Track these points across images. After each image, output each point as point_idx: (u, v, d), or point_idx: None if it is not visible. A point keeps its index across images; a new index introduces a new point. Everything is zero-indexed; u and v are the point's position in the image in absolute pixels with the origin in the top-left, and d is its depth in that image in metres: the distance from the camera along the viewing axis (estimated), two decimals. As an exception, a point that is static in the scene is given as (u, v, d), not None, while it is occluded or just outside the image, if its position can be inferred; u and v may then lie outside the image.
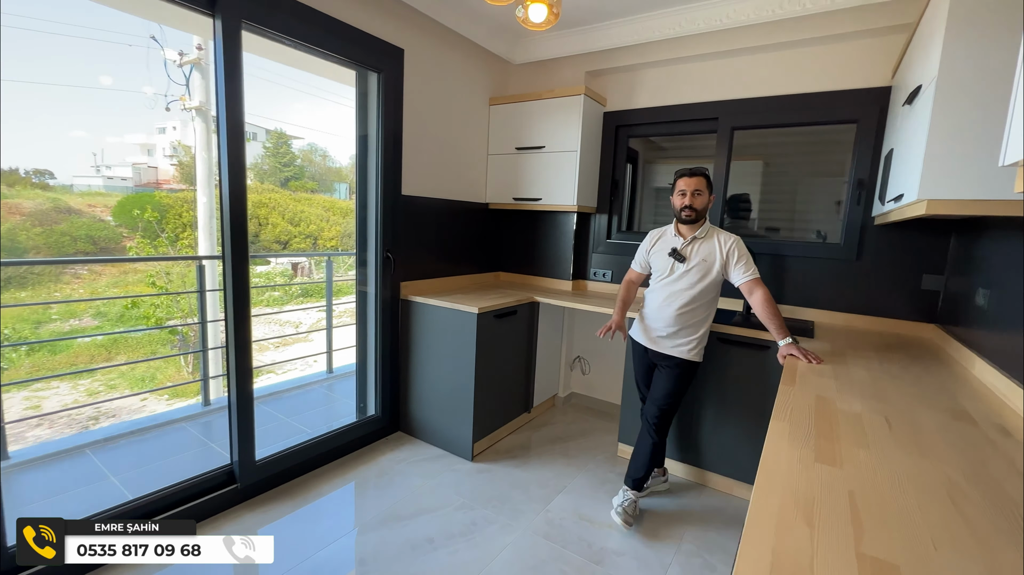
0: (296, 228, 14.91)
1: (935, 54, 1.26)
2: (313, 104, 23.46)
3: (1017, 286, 1.46)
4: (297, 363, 6.63)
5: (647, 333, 2.10)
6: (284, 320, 11.47)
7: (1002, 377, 1.42)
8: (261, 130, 16.50)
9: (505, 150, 3.12)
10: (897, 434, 1.09)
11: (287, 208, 15.06)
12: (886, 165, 1.88)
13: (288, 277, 14.14)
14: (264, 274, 13.36)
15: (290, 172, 17.08)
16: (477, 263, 3.26)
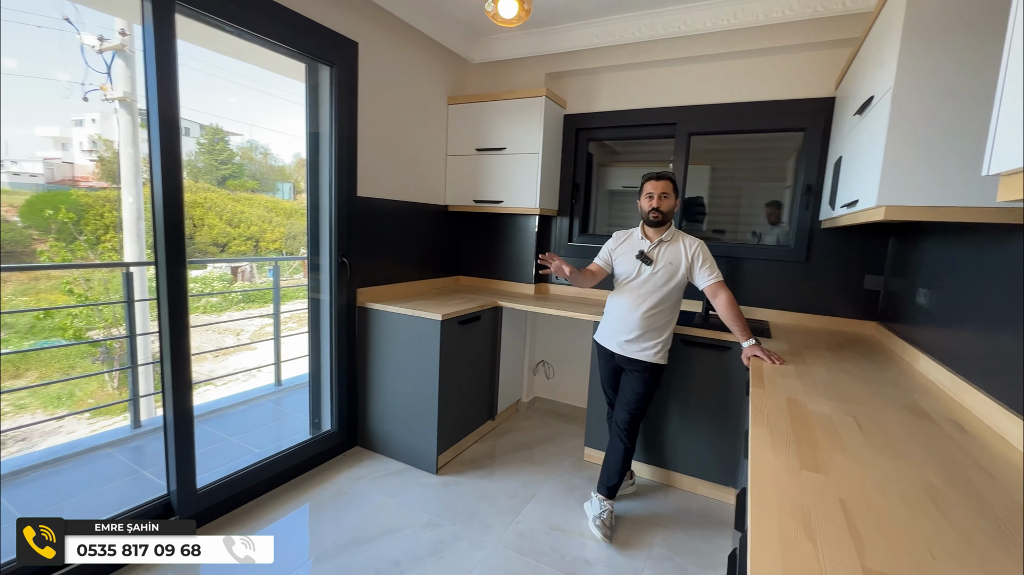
0: (235, 230, 14.06)
1: (889, 66, 1.31)
2: (252, 98, 22.18)
3: (956, 287, 1.56)
4: (241, 376, 6.21)
5: (613, 337, 2.10)
6: (224, 327, 10.75)
7: (946, 372, 1.50)
8: (195, 125, 15.43)
9: (465, 151, 3.04)
10: (868, 435, 1.12)
11: (225, 208, 14.17)
12: (835, 172, 1.97)
13: (227, 282, 13.30)
14: (200, 279, 12.47)
15: (228, 170, 16.06)
16: (437, 267, 3.16)
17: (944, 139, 1.20)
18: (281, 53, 2.13)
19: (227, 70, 19.27)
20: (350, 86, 2.36)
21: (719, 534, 2.05)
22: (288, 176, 17.61)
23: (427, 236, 3.02)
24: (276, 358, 3.53)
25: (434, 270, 3.13)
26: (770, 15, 2.23)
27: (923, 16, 1.21)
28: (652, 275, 1.98)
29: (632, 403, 2.05)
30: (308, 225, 2.45)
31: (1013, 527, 0.78)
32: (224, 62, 21.48)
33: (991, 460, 1.03)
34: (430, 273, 3.09)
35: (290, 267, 9.96)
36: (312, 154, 2.40)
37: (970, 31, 1.17)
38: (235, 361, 8.76)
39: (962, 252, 1.54)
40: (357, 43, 2.36)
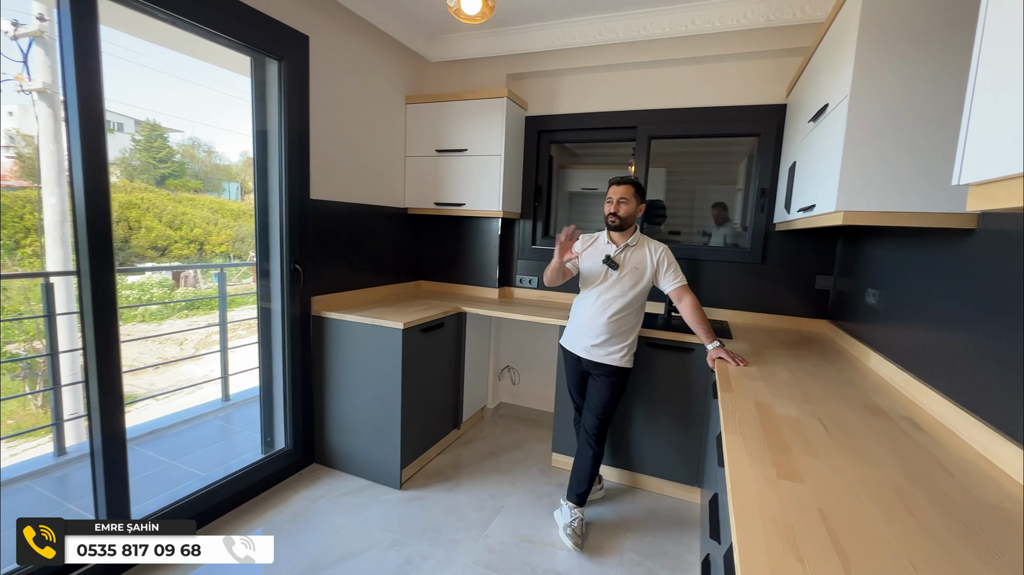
0: (177, 232, 13.21)
1: (844, 75, 1.35)
2: (195, 93, 20.93)
3: (903, 287, 1.63)
4: (185, 391, 5.79)
5: (580, 341, 2.08)
6: (167, 338, 10.05)
7: (897, 370, 1.57)
8: (128, 120, 14.36)
9: (424, 152, 2.95)
10: (835, 437, 1.13)
11: (165, 209, 13.31)
12: (790, 176, 2.04)
13: (169, 288, 12.47)
14: (138, 286, 11.63)
15: (167, 169, 15.05)
16: (397, 272, 3.04)
17: (898, 146, 1.25)
18: (222, 44, 1.97)
19: (166, 62, 18.07)
20: (301, 82, 2.22)
21: (686, 534, 2.07)
22: (235, 175, 16.70)
23: (386, 240, 2.90)
24: (224, 371, 3.30)
25: (394, 275, 3.01)
26: (726, 23, 2.28)
27: (877, 27, 1.25)
28: (618, 280, 1.98)
29: (600, 408, 2.04)
30: (256, 229, 2.29)
31: (980, 528, 0.79)
32: (163, 54, 20.12)
33: (947, 457, 1.06)
34: (390, 278, 2.97)
35: (239, 271, 9.43)
36: (260, 154, 2.24)
37: (923, 41, 1.21)
38: (178, 374, 8.20)
39: (909, 254, 1.61)
40: (308, 37, 2.22)
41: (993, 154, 0.63)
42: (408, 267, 3.16)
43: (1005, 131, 0.61)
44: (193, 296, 12.12)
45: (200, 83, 20.88)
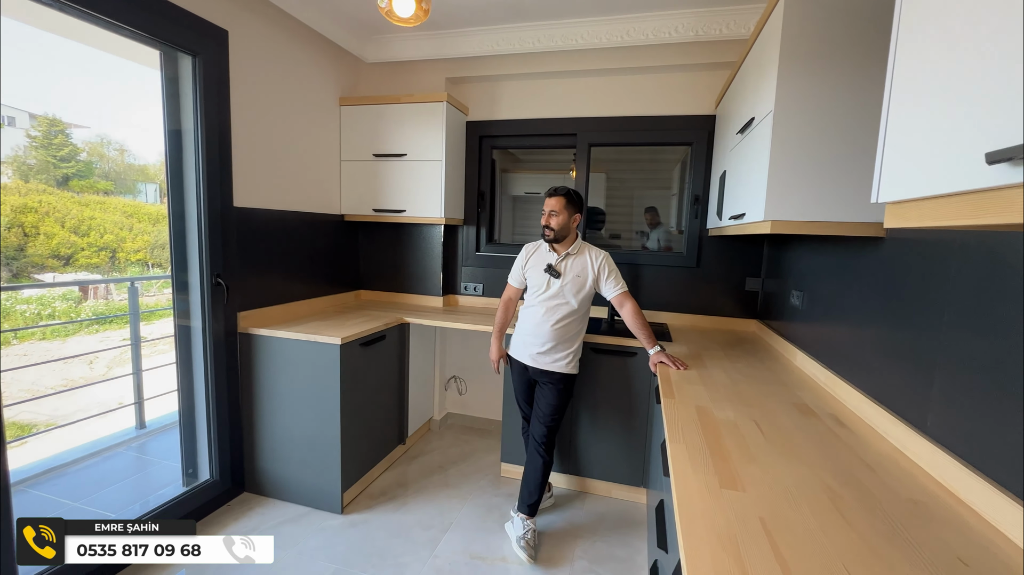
0: (84, 239, 11.95)
1: (769, 90, 1.42)
2: (102, 87, 19.09)
3: (823, 289, 1.74)
4: (92, 418, 5.20)
5: (526, 349, 2.06)
6: (71, 355, 9.02)
7: (820, 367, 1.67)
8: (22, 113, 12.82)
9: (361, 156, 2.82)
10: (771, 440, 1.18)
11: (69, 213, 12.01)
12: (721, 185, 2.13)
13: (75, 302, 11.25)
14: (37, 299, 10.39)
15: (71, 168, 13.54)
16: (335, 282, 2.89)
17: (819, 159, 1.32)
18: (124, 36, 1.77)
19: (70, 53, 16.31)
20: (219, 79, 2.04)
21: (634, 536, 2.10)
22: (152, 176, 15.33)
23: (322, 249, 2.75)
24: (138, 395, 2.98)
25: (332, 286, 2.86)
26: (659, 35, 2.36)
27: (798, 45, 1.32)
28: (561, 288, 1.98)
29: (548, 415, 2.03)
30: (171, 238, 2.08)
31: (902, 524, 0.84)
32: (64, 44, 18.19)
33: (868, 453, 1.13)
34: (327, 289, 2.81)
35: (156, 283, 8.65)
36: (174, 156, 2.04)
37: (843, 60, 1.29)
38: (89, 399, 7.39)
39: (828, 259, 1.73)
40: (227, 31, 2.05)
41: (906, 177, 0.66)
42: (347, 277, 3.02)
43: (916, 155, 0.65)
44: (103, 313, 10.99)
45: (110, 77, 19.04)
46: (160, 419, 3.11)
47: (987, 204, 0.52)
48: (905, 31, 0.69)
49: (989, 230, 0.87)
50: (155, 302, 8.25)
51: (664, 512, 1.27)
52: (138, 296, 3.05)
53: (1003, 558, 0.76)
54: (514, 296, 2.17)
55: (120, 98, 16.96)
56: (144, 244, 12.84)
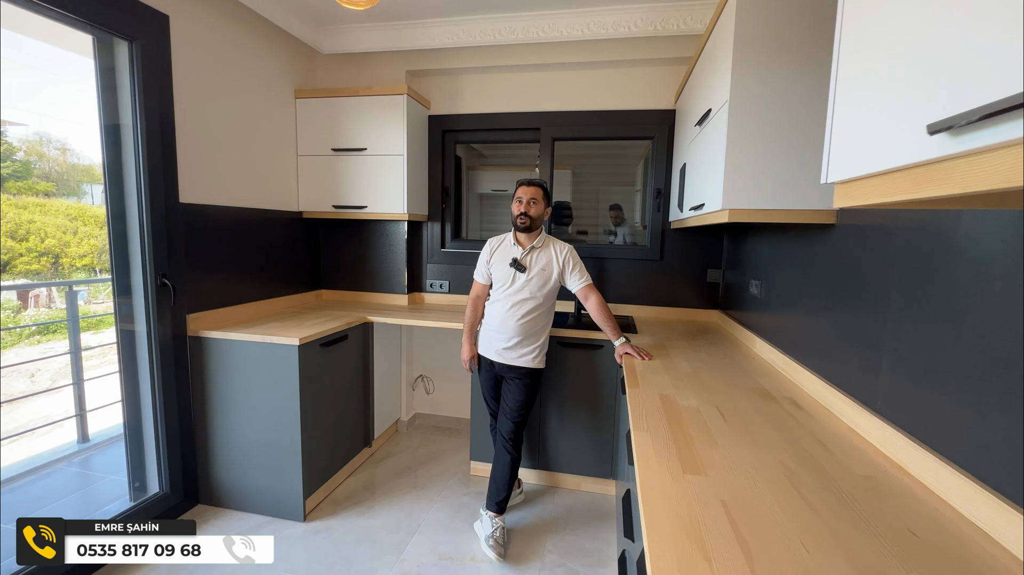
0: (22, 244, 11.17)
1: (724, 82, 1.44)
2: (40, 80, 17.84)
3: (780, 278, 1.79)
4: (30, 433, 4.83)
5: (492, 345, 2.04)
6: (20, 368, 8.37)
7: (778, 353, 1.72)
8: (-53, 110, 11.84)
9: (319, 151, 2.72)
10: (732, 424, 1.19)
11: (5, 217, 11.18)
12: (681, 177, 2.16)
13: (14, 311, 10.49)
14: (-33, 310, 9.61)
15: (6, 169, 12.64)
16: (294, 282, 2.78)
17: (773, 149, 1.35)
18: (49, 18, 1.64)
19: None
20: (160, 68, 1.92)
21: (604, 528, 2.11)
22: (98, 177, 14.48)
23: (279, 247, 2.64)
24: (79, 408, 2.79)
25: (291, 286, 2.75)
26: (619, 29, 2.37)
27: (750, 39, 1.35)
28: (527, 282, 1.96)
29: (515, 411, 2.01)
30: (111, 239, 1.95)
31: (855, 499, 0.86)
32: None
33: (823, 432, 1.16)
34: (286, 289, 2.70)
35: (105, 288, 8.15)
36: (112, 151, 1.91)
37: (795, 50, 1.32)
38: (31, 413, 6.88)
39: (783, 247, 1.78)
40: (168, 16, 1.93)
41: (853, 155, 0.67)
42: (307, 276, 2.91)
43: (862, 134, 0.65)
44: (47, 320, 10.29)
45: (49, 69, 17.88)
46: (105, 432, 2.92)
47: (928, 177, 0.53)
48: (850, 12, 0.70)
49: (930, 207, 0.90)
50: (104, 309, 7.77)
51: (630, 501, 1.27)
52: (76, 302, 2.85)
53: (951, 529, 0.78)
54: (481, 293, 2.13)
55: (58, 92, 15.92)
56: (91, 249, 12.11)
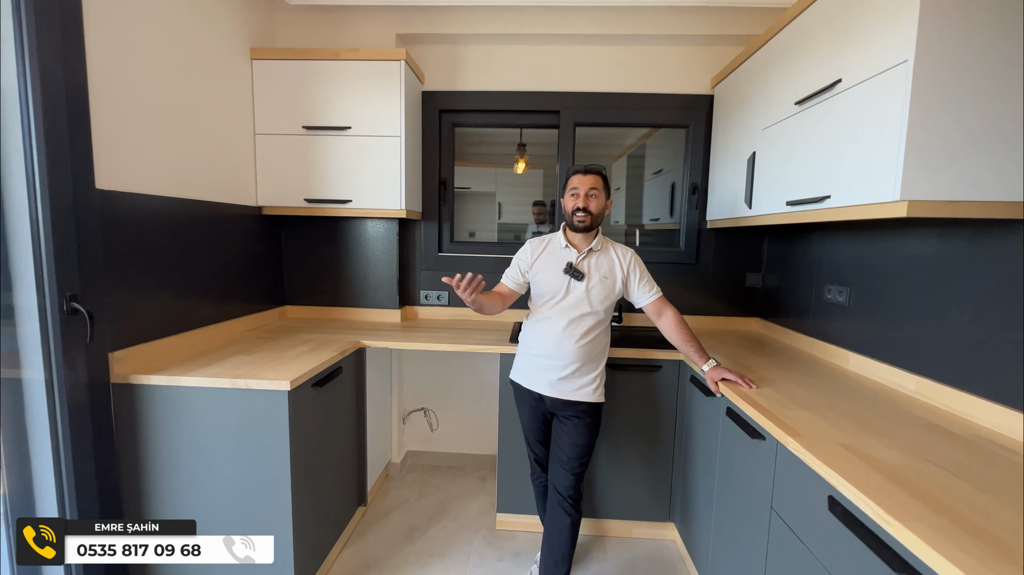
0: None
1: (894, 39, 1.14)
2: None
3: (872, 283, 1.55)
4: None
5: (542, 375, 1.60)
6: None
7: (904, 373, 1.46)
8: None
9: (285, 129, 2.12)
10: (981, 487, 0.88)
11: None
12: (751, 169, 1.86)
13: None
14: None
15: None
16: (251, 298, 2.15)
17: (974, 123, 1.06)
18: None
19: None
20: (66, 14, 1.28)
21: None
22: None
23: (233, 253, 2.00)
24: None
25: (246, 303, 2.11)
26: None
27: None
28: (586, 293, 1.56)
29: (575, 459, 1.59)
30: (-21, 244, 1.26)
31: None
32: None
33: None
34: (241, 308, 2.07)
35: None
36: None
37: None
38: None
39: (879, 248, 1.54)
40: (73, -84, 1.29)
41: None
42: (267, 290, 2.28)
43: None
44: None
45: None
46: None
47: None
48: None
49: None
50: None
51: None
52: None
53: None
54: (505, 293, 1.66)
55: None
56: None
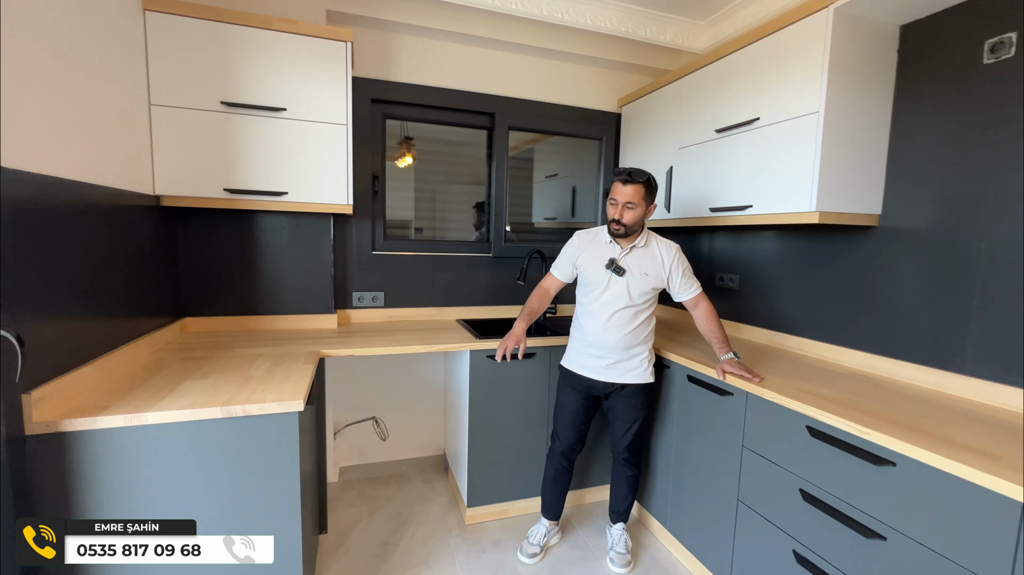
0: None
1: (804, 94, 1.58)
2: None
3: (756, 272, 2.10)
4: None
5: (591, 362, 1.76)
6: None
7: (777, 333, 2.01)
8: None
9: (195, 102, 1.74)
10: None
11: None
12: (668, 180, 2.25)
13: None
14: None
15: None
16: (147, 311, 1.70)
17: (857, 156, 1.59)
18: None
19: None
20: None
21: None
22: None
23: (126, 255, 1.56)
24: None
25: (144, 317, 1.67)
26: (596, 22, 2.28)
27: (844, 56, 1.52)
28: (627, 287, 1.69)
29: (630, 435, 1.82)
30: None
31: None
32: None
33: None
34: (139, 326, 1.62)
35: None
36: None
37: (867, 74, 1.56)
38: None
39: (758, 246, 2.10)
40: None
41: None
42: (162, 300, 1.82)
43: None
44: None
45: None
46: None
47: None
48: None
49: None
50: None
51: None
52: None
53: None
54: (552, 288, 1.87)
55: None
56: None
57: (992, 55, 1.38)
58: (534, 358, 2.05)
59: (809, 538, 1.36)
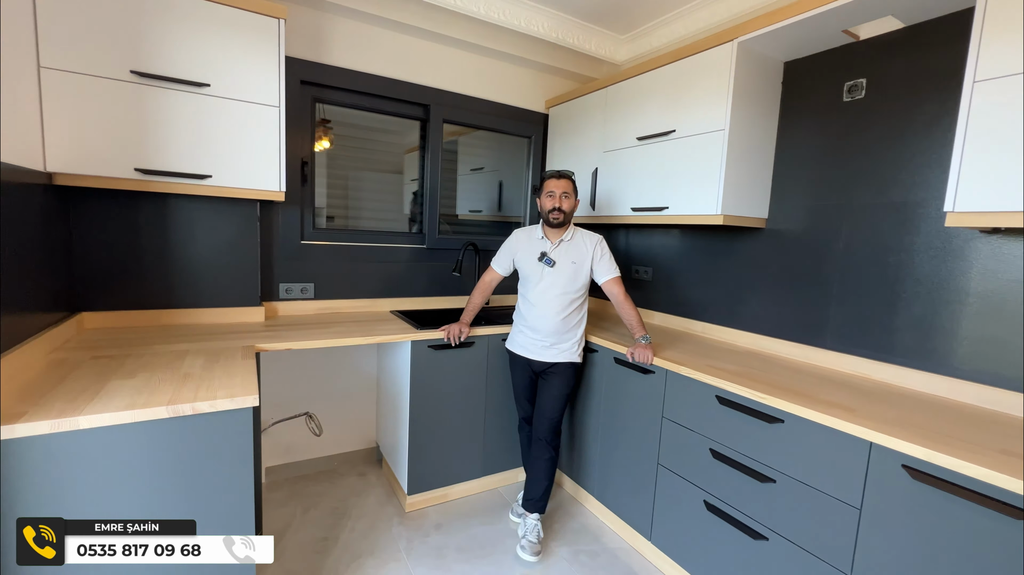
0: None
1: (713, 112, 1.83)
2: None
3: (666, 265, 2.40)
4: None
5: (531, 344, 1.95)
6: None
7: (683, 319, 2.32)
8: None
9: (98, 69, 1.53)
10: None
11: None
12: (593, 180, 2.44)
13: None
14: None
15: None
16: (38, 305, 1.49)
17: (751, 168, 1.88)
18: None
19: None
20: None
21: (568, 504, 2.25)
22: None
23: (10, 240, 1.36)
24: None
25: (36, 312, 1.46)
26: (529, 25, 2.38)
27: (742, 85, 1.79)
28: (558, 277, 1.88)
29: (554, 409, 1.96)
30: None
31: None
32: None
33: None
34: (33, 322, 1.42)
35: None
36: None
37: (756, 101, 1.85)
38: None
39: (668, 243, 2.40)
40: None
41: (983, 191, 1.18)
42: (54, 293, 1.60)
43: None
44: None
45: None
46: None
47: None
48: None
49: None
50: None
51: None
52: None
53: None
54: (493, 281, 2.05)
55: None
56: None
57: (849, 95, 1.74)
58: (472, 346, 2.13)
59: (717, 489, 1.62)
